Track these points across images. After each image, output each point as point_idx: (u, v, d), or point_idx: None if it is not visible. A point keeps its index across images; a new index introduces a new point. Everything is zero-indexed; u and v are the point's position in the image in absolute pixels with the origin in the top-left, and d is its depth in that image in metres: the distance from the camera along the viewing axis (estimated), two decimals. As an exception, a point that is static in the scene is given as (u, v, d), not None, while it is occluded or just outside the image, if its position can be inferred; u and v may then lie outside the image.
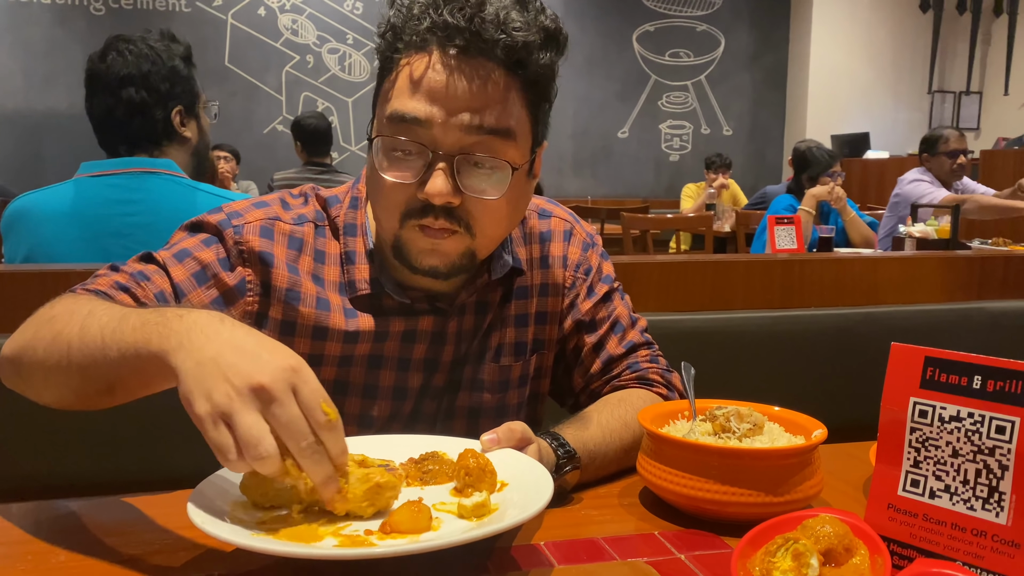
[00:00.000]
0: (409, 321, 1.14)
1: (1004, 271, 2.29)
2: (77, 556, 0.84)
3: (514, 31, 0.98)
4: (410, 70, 1.00)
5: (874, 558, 0.76)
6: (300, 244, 1.12)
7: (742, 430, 0.98)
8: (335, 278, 1.13)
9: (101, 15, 7.35)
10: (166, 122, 1.85)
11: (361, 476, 0.81)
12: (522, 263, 1.20)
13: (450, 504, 0.86)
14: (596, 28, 8.54)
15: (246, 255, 1.09)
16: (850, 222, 4.24)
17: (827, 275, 2.13)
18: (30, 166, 7.03)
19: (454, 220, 1.02)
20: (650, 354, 1.27)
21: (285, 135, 7.63)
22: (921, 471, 0.80)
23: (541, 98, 1.06)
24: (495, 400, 1.21)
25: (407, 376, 1.16)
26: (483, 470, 0.88)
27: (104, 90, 1.82)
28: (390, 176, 1.02)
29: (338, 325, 1.11)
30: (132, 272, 1.06)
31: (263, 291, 1.09)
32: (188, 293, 1.06)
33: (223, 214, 1.11)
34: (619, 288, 1.29)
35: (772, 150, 9.26)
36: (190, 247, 1.09)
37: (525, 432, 0.98)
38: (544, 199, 1.30)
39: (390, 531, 0.79)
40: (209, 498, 0.81)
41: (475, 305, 1.18)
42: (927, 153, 4.75)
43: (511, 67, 1.00)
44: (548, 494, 0.83)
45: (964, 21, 9.16)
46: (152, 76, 1.82)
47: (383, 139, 1.02)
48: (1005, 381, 0.75)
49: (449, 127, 0.99)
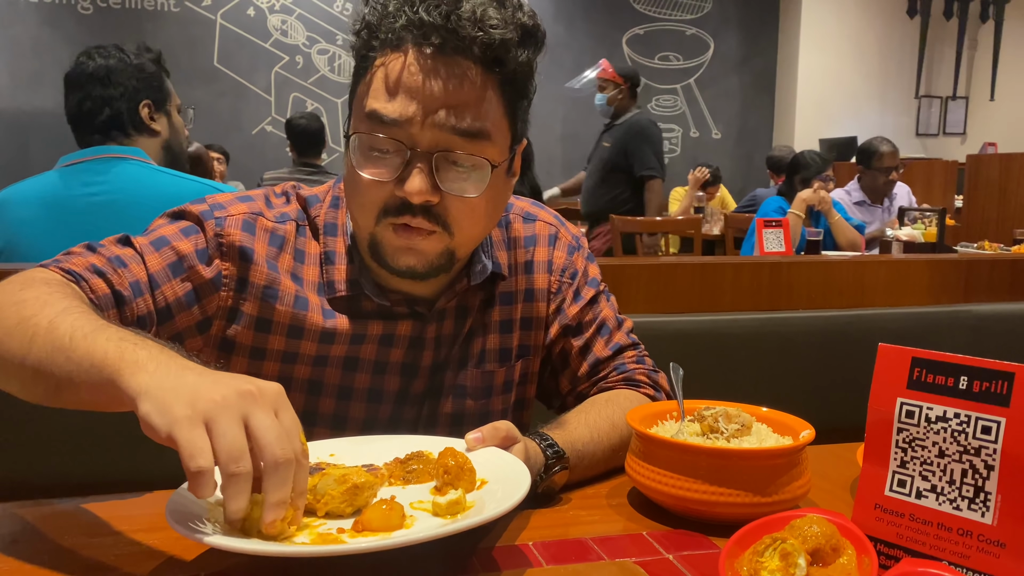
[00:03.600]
0: (387, 325, 1.12)
1: (990, 274, 2.31)
2: (57, 557, 0.83)
3: (491, 28, 0.97)
4: (386, 69, 0.99)
5: (861, 558, 0.76)
6: (281, 242, 1.11)
7: (730, 431, 0.98)
8: (314, 278, 1.11)
9: (89, 14, 7.30)
10: (133, 113, 1.98)
11: (339, 476, 0.81)
12: (503, 268, 1.18)
13: (427, 502, 0.86)
14: (585, 31, 8.56)
15: (225, 248, 1.08)
16: (835, 224, 4.27)
17: (815, 277, 2.14)
18: (17, 165, 6.97)
19: (432, 219, 1.01)
20: (636, 355, 1.27)
21: (274, 136, 7.61)
22: (908, 471, 0.80)
23: (519, 96, 1.05)
24: (478, 406, 1.20)
25: (383, 379, 1.14)
26: (461, 468, 0.88)
27: (76, 87, 1.97)
28: (367, 174, 1.01)
29: (315, 323, 1.10)
30: (109, 256, 1.03)
31: (239, 286, 1.08)
32: (162, 284, 1.05)
33: (206, 205, 1.10)
34: (605, 290, 1.29)
35: (761, 154, 9.27)
36: (168, 235, 1.07)
37: (510, 431, 0.97)
38: (529, 202, 1.28)
39: (362, 529, 0.79)
40: (188, 500, 0.79)
41: (455, 310, 1.16)
42: (862, 165, 4.80)
43: (488, 65, 0.99)
44: (524, 489, 0.83)
45: (951, 27, 9.23)
46: (117, 72, 1.98)
47: (360, 137, 1.01)
48: (991, 382, 0.75)
49: (427, 126, 0.98)
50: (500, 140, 1.03)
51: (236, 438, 0.71)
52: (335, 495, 0.81)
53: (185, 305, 1.06)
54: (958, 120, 9.41)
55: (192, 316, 1.07)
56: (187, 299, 1.06)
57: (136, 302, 1.03)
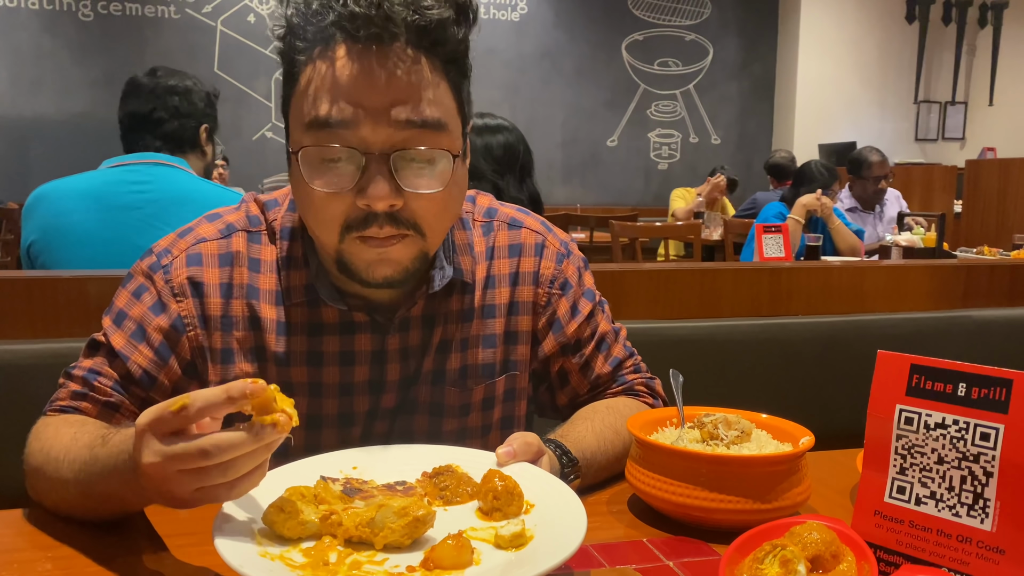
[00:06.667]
0: (345, 341, 1.07)
1: (989, 280, 2.31)
2: (63, 564, 0.83)
3: (425, 9, 0.91)
4: (321, 71, 0.92)
5: (861, 564, 0.76)
6: (231, 258, 1.07)
7: (730, 437, 0.98)
8: (271, 286, 1.07)
9: (89, 21, 7.31)
10: (194, 132, 2.20)
11: (398, 510, 0.78)
12: (466, 274, 1.12)
13: (481, 530, 0.83)
14: (585, 37, 8.57)
15: (177, 291, 1.05)
16: (836, 230, 4.27)
17: (814, 283, 2.14)
18: (17, 172, 6.98)
19: (400, 224, 0.96)
20: (633, 364, 1.26)
21: (274, 142, 7.61)
22: (907, 478, 0.80)
23: (462, 76, 0.99)
24: (455, 424, 1.14)
25: (352, 401, 1.09)
26: (511, 493, 0.85)
27: (149, 96, 2.15)
28: (321, 187, 0.94)
29: (270, 346, 1.07)
30: (83, 375, 1.04)
31: (202, 323, 1.06)
32: (131, 356, 1.04)
33: (153, 256, 1.08)
34: (600, 301, 1.24)
35: (760, 159, 9.27)
36: (123, 306, 1.07)
37: (540, 445, 0.96)
38: (514, 208, 1.22)
39: (433, 567, 0.75)
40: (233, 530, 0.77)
41: (421, 319, 1.10)
42: (852, 175, 4.90)
43: (429, 49, 0.93)
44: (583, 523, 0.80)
45: (949, 32, 9.25)
46: (192, 94, 2.19)
47: (306, 150, 0.94)
48: (989, 388, 0.76)
49: (378, 125, 0.92)
50: (454, 127, 0.98)
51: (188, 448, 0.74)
52: (396, 528, 0.78)
53: (160, 364, 1.05)
54: (957, 125, 9.41)
55: (173, 369, 1.06)
56: (159, 357, 1.05)
57: (129, 395, 1.04)
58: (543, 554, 0.77)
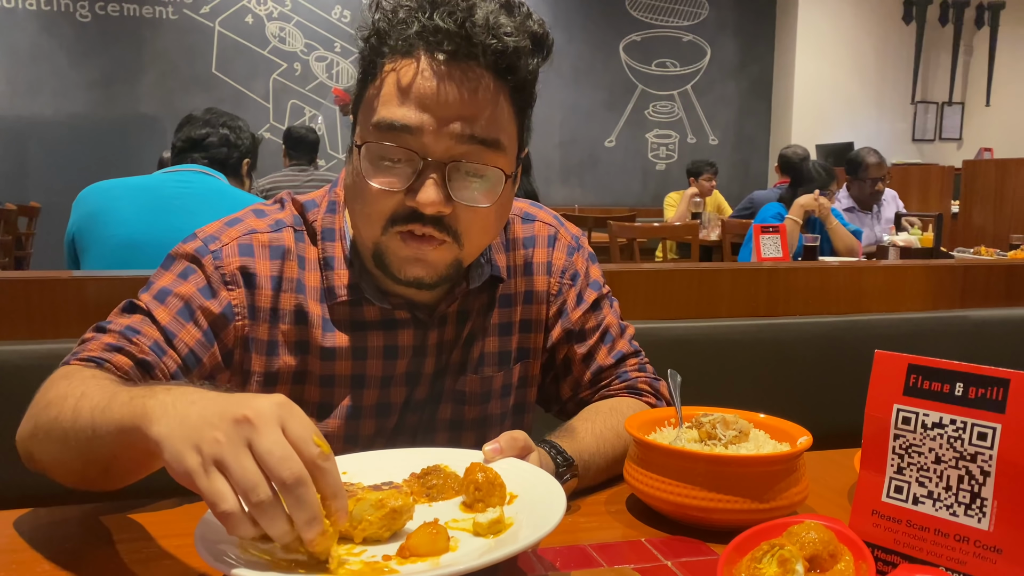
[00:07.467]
0: (388, 335, 1.11)
1: (986, 280, 2.32)
2: (62, 565, 0.83)
3: (504, 36, 0.96)
4: (397, 76, 0.97)
5: (858, 564, 0.77)
6: (282, 252, 1.09)
7: (728, 437, 0.98)
8: (316, 284, 1.10)
9: (87, 22, 7.30)
10: (238, 161, 2.56)
11: (375, 502, 0.78)
12: (502, 271, 1.17)
13: (463, 521, 0.84)
14: (583, 38, 8.58)
15: (229, 278, 1.06)
16: (833, 230, 4.28)
17: (812, 283, 2.14)
18: (14, 173, 6.97)
19: (442, 229, 1.00)
20: (638, 363, 1.27)
21: (272, 143, 7.59)
22: (904, 477, 0.81)
23: (527, 104, 1.05)
24: (477, 412, 1.19)
25: (390, 392, 1.13)
26: (492, 484, 0.86)
27: (204, 124, 2.53)
28: (377, 183, 0.99)
29: (316, 341, 1.09)
30: (120, 329, 1.01)
31: (251, 313, 1.07)
32: (177, 334, 1.02)
33: (198, 241, 1.08)
34: (608, 294, 1.27)
35: (757, 159, 9.31)
36: (168, 285, 1.05)
37: (527, 441, 0.97)
38: (527, 202, 1.27)
39: (409, 555, 0.76)
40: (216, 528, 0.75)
41: (456, 315, 1.15)
42: (850, 176, 4.93)
43: (500, 73, 0.98)
44: (562, 505, 0.81)
45: (946, 33, 9.26)
46: (241, 132, 2.60)
47: (369, 146, 0.99)
48: (986, 388, 0.76)
49: (440, 135, 0.96)
50: (511, 149, 1.03)
51: (246, 470, 0.68)
52: (373, 520, 0.78)
53: (206, 345, 1.04)
54: (954, 125, 9.43)
55: (215, 354, 1.06)
56: (206, 339, 1.04)
57: (163, 361, 1.01)
58: (520, 537, 0.78)
